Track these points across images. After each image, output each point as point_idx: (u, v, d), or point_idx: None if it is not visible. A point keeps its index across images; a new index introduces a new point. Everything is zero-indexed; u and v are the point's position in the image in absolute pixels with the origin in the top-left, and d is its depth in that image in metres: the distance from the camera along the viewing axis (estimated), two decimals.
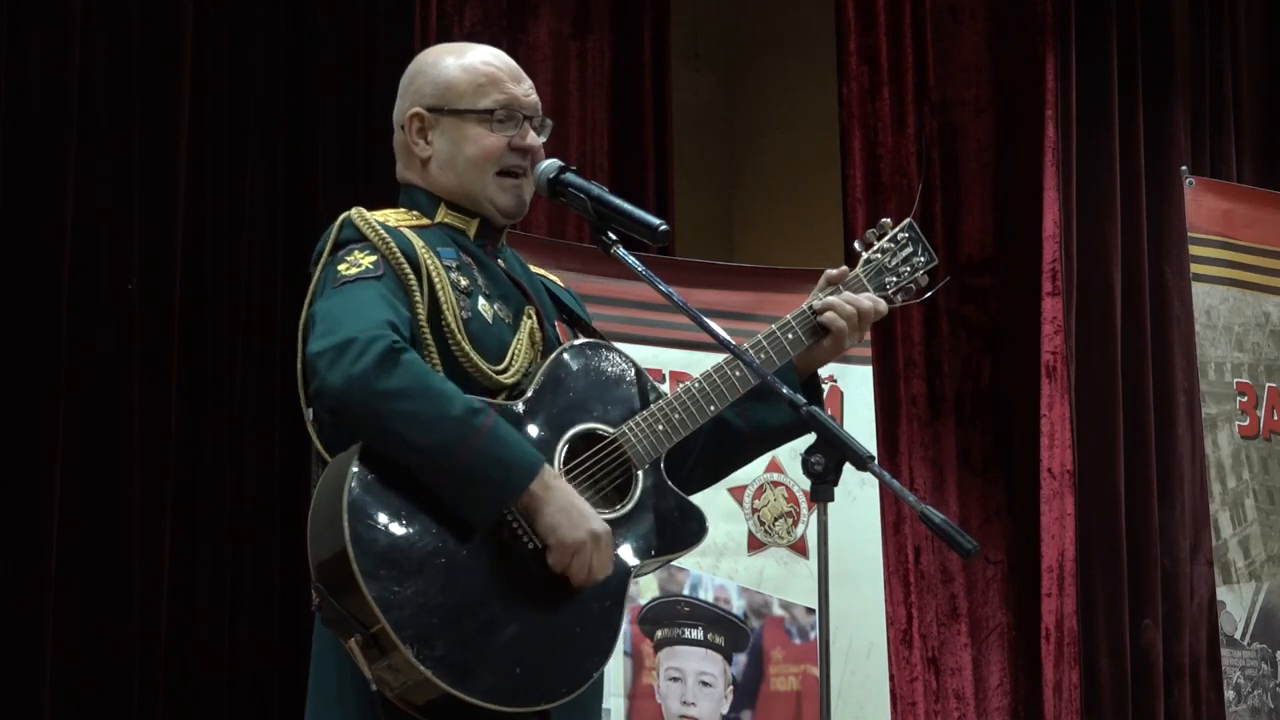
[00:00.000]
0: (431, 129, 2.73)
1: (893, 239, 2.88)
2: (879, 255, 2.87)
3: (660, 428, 2.64)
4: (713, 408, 2.68)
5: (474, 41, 2.91)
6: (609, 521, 2.57)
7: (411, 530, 2.43)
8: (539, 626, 2.47)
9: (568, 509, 2.48)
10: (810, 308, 2.77)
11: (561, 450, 2.60)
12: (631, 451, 2.62)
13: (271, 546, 4.47)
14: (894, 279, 2.87)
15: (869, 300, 2.80)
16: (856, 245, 2.88)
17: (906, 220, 2.90)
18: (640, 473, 2.64)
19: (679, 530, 2.67)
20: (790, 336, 2.75)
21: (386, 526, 2.42)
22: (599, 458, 2.62)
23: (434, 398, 2.44)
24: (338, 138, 4.71)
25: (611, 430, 2.64)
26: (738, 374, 2.69)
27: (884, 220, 2.90)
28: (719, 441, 2.79)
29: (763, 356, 2.73)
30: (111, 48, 4.35)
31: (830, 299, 2.78)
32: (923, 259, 2.89)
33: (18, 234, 4.19)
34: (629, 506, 2.62)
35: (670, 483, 2.68)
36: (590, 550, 2.48)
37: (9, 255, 4.18)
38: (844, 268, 2.85)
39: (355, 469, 2.43)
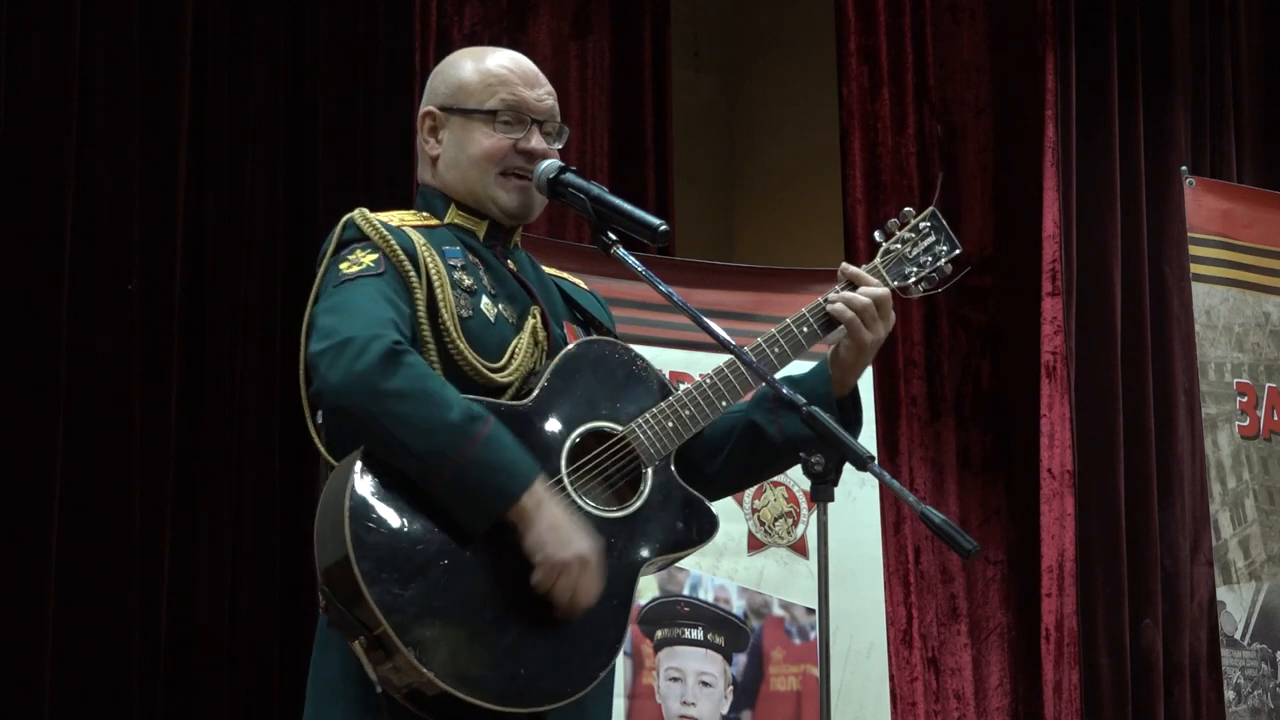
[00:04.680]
0: (442, 128, 2.75)
1: (914, 228, 2.84)
2: (899, 245, 2.82)
3: (670, 424, 2.64)
4: (724, 403, 2.68)
5: (474, 42, 2.91)
6: (617, 519, 2.57)
7: (414, 533, 2.43)
8: (544, 627, 2.47)
9: (556, 527, 2.46)
10: (825, 299, 2.74)
11: (567, 447, 2.59)
12: (640, 448, 2.62)
13: (271, 546, 4.47)
14: (915, 269, 2.82)
15: (884, 290, 2.73)
16: (877, 235, 2.83)
17: (929, 209, 2.86)
18: (650, 470, 2.63)
19: (689, 527, 2.66)
20: (805, 330, 2.73)
21: (389, 530, 2.42)
22: (608, 455, 2.61)
23: (433, 402, 2.44)
24: (338, 138, 4.71)
25: (620, 428, 2.63)
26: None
27: (907, 209, 2.86)
28: (751, 447, 2.75)
29: (776, 350, 2.71)
30: (111, 48, 4.35)
31: (845, 292, 2.73)
32: (945, 248, 2.83)
33: (18, 234, 4.19)
34: (638, 503, 2.61)
35: (680, 480, 2.67)
36: (576, 573, 2.45)
37: (9, 255, 4.18)
38: (846, 265, 2.81)
39: (357, 473, 2.43)
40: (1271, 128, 6.03)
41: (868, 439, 4.87)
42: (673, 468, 2.67)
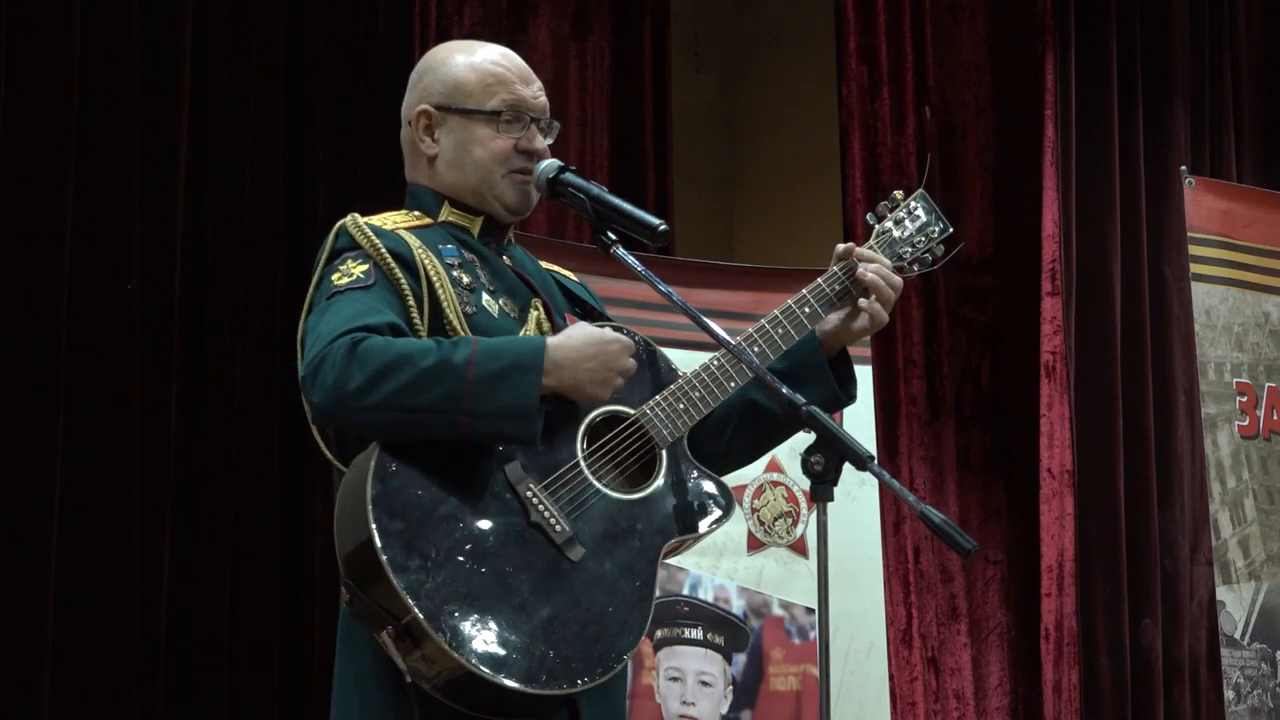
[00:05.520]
0: (439, 127, 2.74)
1: (905, 209, 2.86)
2: (891, 227, 2.85)
3: (681, 406, 2.66)
4: (733, 384, 2.69)
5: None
6: (637, 501, 2.59)
7: (437, 519, 2.44)
8: (570, 608, 2.48)
9: (591, 377, 2.53)
10: (832, 280, 2.76)
11: (583, 434, 2.60)
12: (654, 431, 2.64)
13: (271, 546, 4.48)
14: (908, 249, 2.85)
15: (899, 279, 2.78)
16: (868, 219, 2.85)
17: (918, 191, 2.88)
18: (664, 452, 2.65)
19: (706, 507, 2.68)
20: (807, 310, 2.75)
21: (411, 516, 2.42)
22: (621, 439, 2.62)
23: (410, 361, 2.44)
24: (338, 138, 4.71)
25: (632, 411, 2.64)
26: (756, 349, 2.70)
27: (895, 193, 2.88)
28: (754, 423, 2.78)
29: (780, 331, 2.73)
30: (111, 48, 4.36)
31: (875, 267, 2.76)
32: (937, 228, 2.86)
33: (18, 234, 4.20)
34: (654, 486, 2.63)
35: (694, 460, 2.69)
36: (621, 367, 2.56)
37: (9, 255, 4.19)
38: (850, 245, 2.82)
39: (375, 464, 2.44)
40: (1271, 128, 6.02)
41: (868, 439, 4.89)
42: (686, 448, 2.69)
